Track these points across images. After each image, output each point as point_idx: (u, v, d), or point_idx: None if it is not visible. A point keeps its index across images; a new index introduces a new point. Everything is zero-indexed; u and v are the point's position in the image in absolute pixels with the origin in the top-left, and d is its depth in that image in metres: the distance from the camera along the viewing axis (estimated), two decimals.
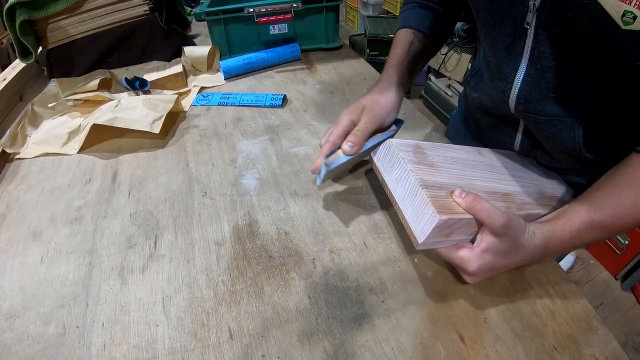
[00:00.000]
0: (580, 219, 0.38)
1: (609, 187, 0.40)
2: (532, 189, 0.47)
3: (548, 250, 0.39)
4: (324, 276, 0.44)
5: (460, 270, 0.39)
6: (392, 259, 0.46)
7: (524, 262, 0.39)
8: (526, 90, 0.46)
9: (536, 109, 0.46)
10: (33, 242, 0.51)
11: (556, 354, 0.37)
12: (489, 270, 0.38)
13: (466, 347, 0.37)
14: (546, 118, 0.46)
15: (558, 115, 0.46)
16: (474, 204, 0.36)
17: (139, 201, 0.56)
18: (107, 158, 0.65)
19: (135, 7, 0.84)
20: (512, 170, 0.50)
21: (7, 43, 1.73)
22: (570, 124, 0.46)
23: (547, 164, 0.54)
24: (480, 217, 0.36)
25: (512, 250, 0.37)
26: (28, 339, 0.40)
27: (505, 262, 0.38)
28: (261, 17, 0.89)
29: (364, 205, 0.53)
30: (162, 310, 0.42)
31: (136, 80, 0.80)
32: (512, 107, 0.49)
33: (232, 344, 0.38)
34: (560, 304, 0.41)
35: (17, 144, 0.69)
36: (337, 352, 0.37)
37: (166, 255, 0.48)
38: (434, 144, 0.46)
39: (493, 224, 0.35)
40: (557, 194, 0.49)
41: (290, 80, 0.87)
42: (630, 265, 1.42)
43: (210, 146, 0.67)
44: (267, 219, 0.52)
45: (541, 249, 0.38)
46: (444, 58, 2.30)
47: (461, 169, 0.44)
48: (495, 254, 0.37)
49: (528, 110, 0.47)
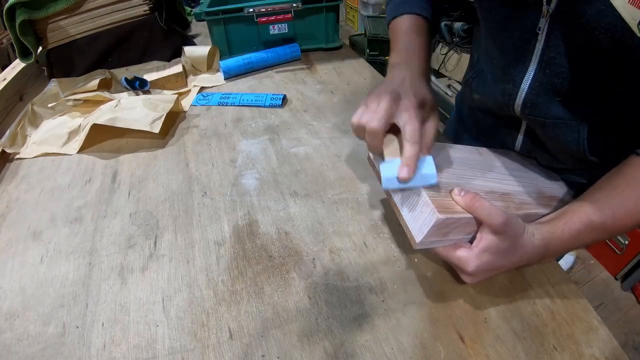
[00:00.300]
0: (580, 220, 0.38)
1: (609, 188, 0.40)
2: (531, 188, 0.47)
3: (548, 251, 0.39)
4: (324, 276, 0.44)
5: (459, 270, 0.39)
6: (392, 259, 0.46)
7: (523, 262, 0.39)
8: (533, 94, 0.45)
9: (542, 113, 0.46)
10: (33, 242, 0.51)
11: (556, 354, 0.37)
12: (487, 270, 0.38)
13: (466, 347, 0.37)
14: (552, 121, 0.46)
15: (564, 119, 0.45)
16: (473, 202, 0.36)
17: (139, 201, 0.56)
18: (107, 158, 0.65)
19: (135, 7, 0.84)
20: (511, 170, 0.50)
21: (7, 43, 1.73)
22: (575, 126, 0.46)
23: (548, 164, 0.54)
24: (480, 216, 0.36)
25: (511, 250, 0.37)
26: (28, 339, 0.40)
27: (504, 262, 0.38)
28: (261, 17, 0.89)
29: (364, 205, 0.53)
30: (162, 310, 0.42)
31: (136, 80, 0.80)
32: (517, 111, 0.49)
33: (232, 344, 0.38)
34: (560, 304, 0.41)
35: (17, 144, 0.69)
36: (337, 352, 0.37)
37: (166, 255, 0.48)
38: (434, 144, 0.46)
39: (492, 223, 0.35)
40: (557, 194, 0.49)
41: (290, 80, 0.87)
42: (630, 265, 1.42)
43: (210, 146, 0.67)
44: (267, 219, 0.52)
45: (540, 249, 0.38)
46: (444, 58, 2.30)
47: (460, 168, 0.44)
48: (494, 254, 0.37)
49: (534, 113, 0.47)
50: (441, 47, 2.41)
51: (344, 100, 0.78)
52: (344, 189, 0.56)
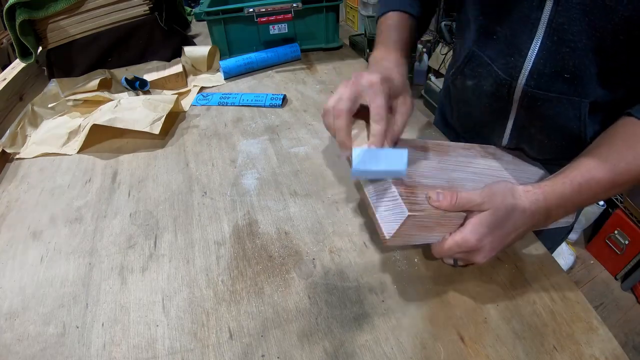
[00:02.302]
0: (581, 175, 0.38)
1: (607, 145, 0.39)
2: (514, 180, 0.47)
3: (549, 207, 0.37)
4: (324, 276, 0.44)
5: (465, 255, 0.38)
6: (392, 259, 0.46)
7: (527, 222, 0.37)
8: (541, 64, 0.45)
9: (547, 85, 0.45)
10: (33, 242, 0.51)
11: (556, 354, 0.37)
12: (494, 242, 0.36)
13: (466, 347, 0.37)
14: (555, 95, 0.45)
15: (567, 94, 0.45)
16: (452, 201, 0.36)
17: (139, 201, 0.56)
18: (107, 158, 0.65)
19: (135, 7, 0.84)
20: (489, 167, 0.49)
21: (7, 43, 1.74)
22: (577, 102, 0.45)
23: (535, 155, 0.53)
24: (464, 207, 0.36)
25: (508, 214, 0.36)
26: (28, 339, 0.40)
27: (507, 229, 0.36)
28: (261, 17, 0.89)
29: (364, 205, 0.53)
30: (162, 310, 0.42)
31: (136, 81, 0.80)
32: (520, 84, 0.47)
33: (232, 344, 0.38)
34: (560, 304, 0.41)
35: (17, 144, 0.69)
36: (337, 352, 0.37)
37: (166, 255, 0.48)
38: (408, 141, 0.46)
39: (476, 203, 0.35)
40: None
41: (290, 80, 0.87)
42: (630, 265, 1.42)
43: (210, 146, 0.67)
44: (267, 219, 0.52)
45: (541, 204, 0.37)
46: (444, 58, 2.30)
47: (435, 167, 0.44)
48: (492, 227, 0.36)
49: (539, 86, 0.46)
50: (441, 47, 2.41)
51: None
52: (344, 188, 0.56)
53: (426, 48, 2.62)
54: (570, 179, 0.38)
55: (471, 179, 0.44)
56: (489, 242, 0.36)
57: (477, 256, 0.37)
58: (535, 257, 0.46)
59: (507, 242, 0.38)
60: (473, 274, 0.44)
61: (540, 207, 0.37)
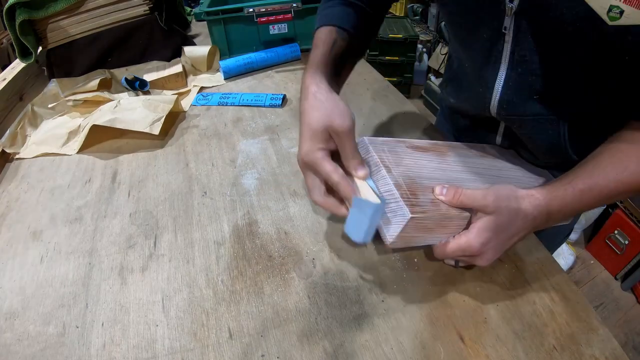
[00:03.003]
0: (583, 181, 0.38)
1: (611, 152, 0.39)
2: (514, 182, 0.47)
3: (550, 212, 0.38)
4: (323, 276, 0.44)
5: (467, 258, 0.38)
6: (392, 259, 0.46)
7: (528, 226, 0.38)
8: (508, 95, 0.45)
9: (519, 111, 0.46)
10: (33, 242, 0.51)
11: (556, 354, 0.37)
12: (497, 245, 0.37)
13: (466, 347, 0.37)
14: (531, 117, 0.46)
15: (543, 114, 0.45)
16: (456, 197, 0.36)
17: (139, 201, 0.56)
18: (107, 158, 0.65)
19: (135, 7, 0.84)
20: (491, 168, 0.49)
21: (7, 43, 1.74)
22: (555, 121, 0.45)
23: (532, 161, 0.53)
24: (468, 205, 0.36)
25: (511, 218, 0.36)
26: (28, 339, 0.40)
27: (510, 233, 0.37)
28: (261, 17, 0.89)
29: None
30: (162, 310, 0.42)
31: (136, 81, 0.80)
32: (493, 112, 0.48)
33: (231, 344, 0.38)
34: (560, 304, 0.41)
35: (17, 144, 0.69)
36: (337, 352, 0.37)
37: (166, 255, 0.48)
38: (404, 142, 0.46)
39: (480, 205, 0.35)
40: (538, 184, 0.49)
41: (290, 80, 0.87)
42: (630, 265, 1.42)
43: (210, 146, 0.67)
44: (267, 219, 0.52)
45: (542, 209, 0.37)
46: (444, 58, 2.30)
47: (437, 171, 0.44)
48: (495, 231, 0.36)
49: (511, 113, 0.47)
50: (441, 47, 2.42)
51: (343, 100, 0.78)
52: None
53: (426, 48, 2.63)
54: (573, 185, 0.38)
55: (472, 179, 0.44)
56: (492, 246, 0.37)
57: (480, 260, 0.38)
58: (535, 257, 0.46)
59: (509, 245, 0.38)
60: (473, 274, 0.44)
61: (542, 212, 0.38)
